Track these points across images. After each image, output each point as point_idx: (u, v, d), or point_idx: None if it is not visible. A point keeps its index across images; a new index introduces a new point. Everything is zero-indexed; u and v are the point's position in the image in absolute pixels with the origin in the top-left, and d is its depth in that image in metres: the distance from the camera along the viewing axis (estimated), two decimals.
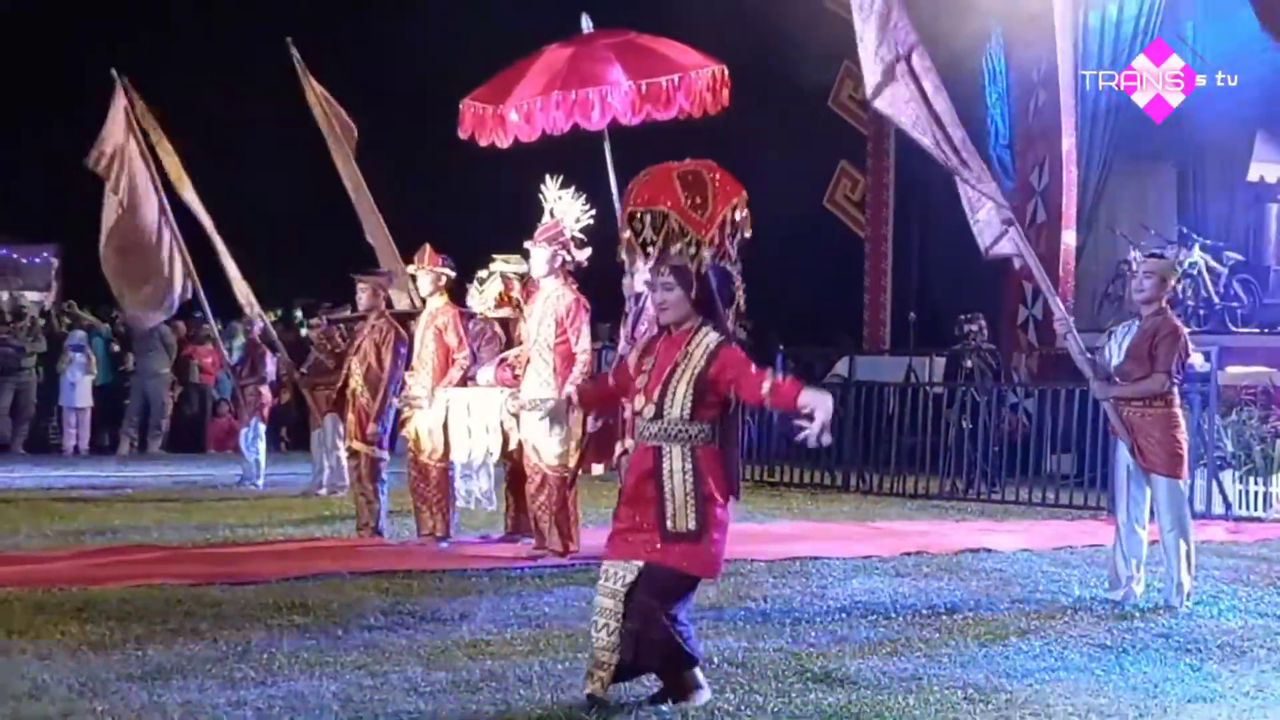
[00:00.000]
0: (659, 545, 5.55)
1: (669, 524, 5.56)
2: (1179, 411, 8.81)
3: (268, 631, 7.09)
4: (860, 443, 16.66)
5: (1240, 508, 13.82)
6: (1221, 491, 13.78)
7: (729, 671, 6.40)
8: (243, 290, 15.68)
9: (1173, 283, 9.14)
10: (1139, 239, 17.53)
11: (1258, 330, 17.82)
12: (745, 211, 5.88)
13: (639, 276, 5.97)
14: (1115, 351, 8.84)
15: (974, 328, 16.89)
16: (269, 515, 12.44)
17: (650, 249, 5.77)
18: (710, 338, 5.65)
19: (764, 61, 18.74)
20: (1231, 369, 15.22)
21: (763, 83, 19.10)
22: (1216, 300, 17.94)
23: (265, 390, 15.73)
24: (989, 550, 10.88)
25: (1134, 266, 9.23)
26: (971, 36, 18.72)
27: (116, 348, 21.76)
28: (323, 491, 14.56)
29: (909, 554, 10.58)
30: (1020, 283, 20.55)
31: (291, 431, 21.07)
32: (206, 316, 16.33)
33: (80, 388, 20.42)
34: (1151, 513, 8.90)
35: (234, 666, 6.27)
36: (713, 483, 5.59)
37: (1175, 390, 8.76)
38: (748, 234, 5.89)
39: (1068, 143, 19.62)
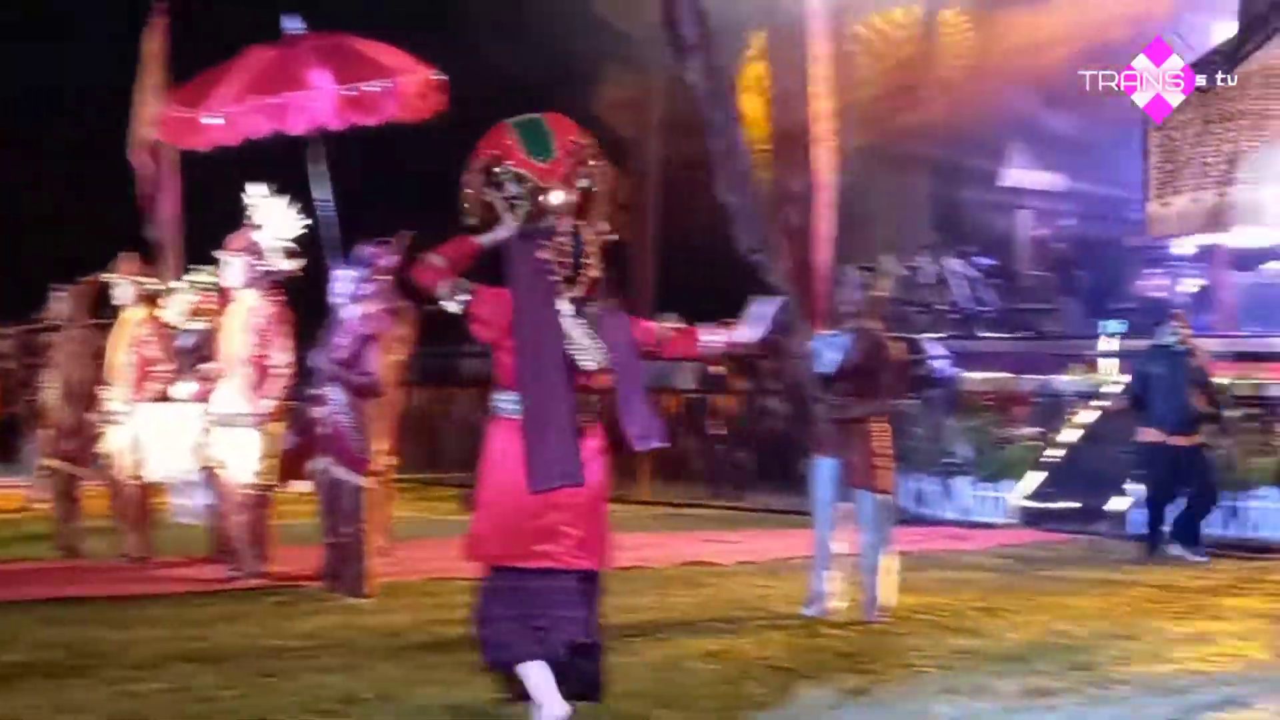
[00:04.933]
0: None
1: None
2: (887, 427, 8.73)
3: None
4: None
5: (975, 514, 13.93)
6: (953, 496, 13.90)
7: None
8: None
9: (882, 296, 9.10)
10: (896, 247, 17.64)
11: (1006, 335, 17.94)
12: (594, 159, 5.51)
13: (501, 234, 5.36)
14: (825, 362, 8.70)
15: None
16: None
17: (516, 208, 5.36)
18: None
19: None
20: (975, 374, 15.34)
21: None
22: (966, 305, 18.08)
23: None
24: (709, 564, 10.77)
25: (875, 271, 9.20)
26: None
27: None
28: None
29: (625, 569, 10.33)
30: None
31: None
32: None
33: None
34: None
35: None
36: None
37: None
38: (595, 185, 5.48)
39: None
